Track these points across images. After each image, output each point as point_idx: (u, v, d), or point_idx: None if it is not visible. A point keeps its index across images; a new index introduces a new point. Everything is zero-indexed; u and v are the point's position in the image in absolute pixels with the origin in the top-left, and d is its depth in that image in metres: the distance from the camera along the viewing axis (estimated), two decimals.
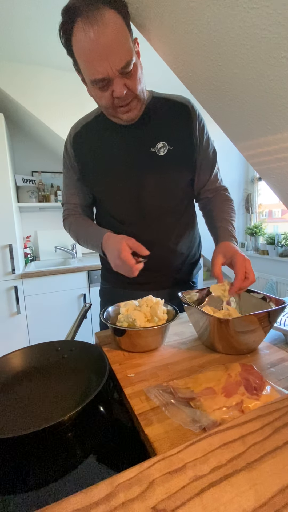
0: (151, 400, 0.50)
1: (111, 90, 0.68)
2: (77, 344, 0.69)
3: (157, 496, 0.28)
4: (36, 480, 0.39)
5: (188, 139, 0.85)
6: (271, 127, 0.69)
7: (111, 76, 0.65)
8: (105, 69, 0.63)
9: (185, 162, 0.87)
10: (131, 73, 0.67)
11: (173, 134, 0.84)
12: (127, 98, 0.71)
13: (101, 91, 0.69)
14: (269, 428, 0.37)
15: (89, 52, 0.62)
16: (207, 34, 0.58)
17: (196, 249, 1.06)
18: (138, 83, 0.71)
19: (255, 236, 3.26)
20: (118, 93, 0.67)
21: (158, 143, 0.83)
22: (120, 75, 0.66)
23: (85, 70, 0.66)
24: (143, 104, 0.78)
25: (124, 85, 0.68)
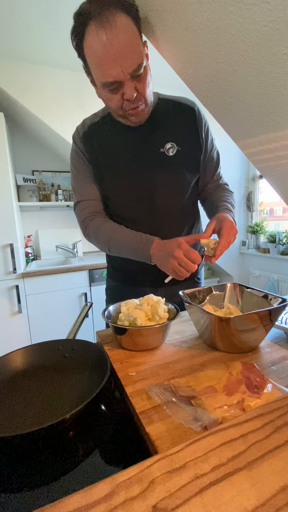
0: (152, 398, 0.50)
1: (122, 93, 0.69)
2: (79, 343, 0.69)
3: (157, 495, 0.28)
4: (37, 479, 0.39)
5: (195, 140, 0.88)
6: (272, 124, 0.69)
7: (123, 79, 0.66)
8: (117, 72, 0.64)
9: (192, 162, 0.90)
10: (141, 76, 0.68)
11: (181, 135, 0.86)
12: (137, 101, 0.72)
13: (111, 94, 0.70)
14: (270, 426, 0.37)
15: (102, 56, 0.62)
16: (207, 31, 0.58)
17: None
18: (147, 86, 0.72)
19: (256, 234, 3.25)
20: (129, 96, 0.68)
21: (166, 143, 0.85)
22: (131, 78, 0.67)
23: (96, 73, 0.67)
24: (150, 107, 0.80)
25: (134, 88, 0.69)
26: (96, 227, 0.91)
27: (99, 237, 0.90)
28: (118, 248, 0.88)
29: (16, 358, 0.65)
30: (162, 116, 0.85)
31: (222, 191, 1.00)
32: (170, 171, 0.87)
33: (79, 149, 0.90)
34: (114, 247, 0.88)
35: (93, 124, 0.88)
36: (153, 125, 0.84)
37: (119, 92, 0.69)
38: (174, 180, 0.88)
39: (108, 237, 0.88)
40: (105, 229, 0.89)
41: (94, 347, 0.67)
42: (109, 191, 0.92)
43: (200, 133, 0.88)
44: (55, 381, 0.60)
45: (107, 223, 0.91)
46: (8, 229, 2.03)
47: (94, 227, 0.91)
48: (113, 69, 0.64)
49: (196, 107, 0.88)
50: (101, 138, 0.87)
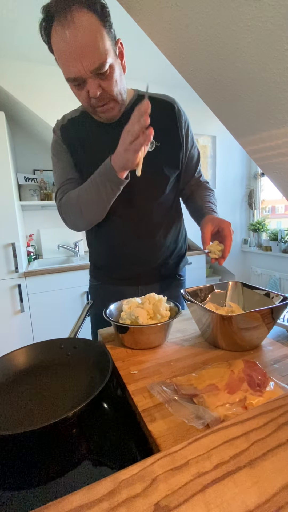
0: (155, 396, 0.50)
1: (87, 90, 0.69)
2: (81, 341, 0.69)
3: (160, 492, 0.28)
4: (40, 477, 0.39)
5: (175, 137, 0.88)
6: (274, 121, 0.68)
7: (84, 76, 0.66)
8: (77, 69, 0.64)
9: (172, 159, 0.90)
10: (106, 74, 0.68)
11: (160, 131, 0.84)
12: (103, 98, 0.72)
13: (77, 90, 0.71)
14: (273, 424, 0.37)
15: (63, 52, 0.63)
16: (208, 27, 0.58)
17: (183, 243, 1.08)
18: (115, 84, 0.71)
19: (258, 232, 3.24)
20: (92, 94, 0.69)
21: None
22: (94, 76, 0.67)
23: (61, 68, 0.68)
24: (122, 105, 0.79)
25: (99, 86, 0.68)
26: (65, 199, 0.87)
27: (70, 204, 0.85)
28: (86, 197, 0.81)
29: (19, 356, 0.65)
30: None
31: (203, 190, 1.00)
32: (149, 167, 0.85)
33: (58, 139, 0.90)
34: (82, 199, 0.82)
35: (73, 118, 0.88)
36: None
37: (84, 89, 0.69)
38: (153, 176, 0.88)
39: (75, 195, 0.84)
40: (73, 193, 0.85)
41: (96, 345, 0.67)
42: None
43: (180, 130, 0.88)
44: (57, 380, 0.60)
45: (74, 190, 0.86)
46: (10, 228, 2.04)
47: (64, 200, 0.87)
48: (74, 66, 0.64)
49: (175, 104, 0.88)
50: (80, 132, 0.87)
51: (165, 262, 1.00)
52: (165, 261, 1.00)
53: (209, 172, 2.98)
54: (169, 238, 0.98)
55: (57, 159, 0.92)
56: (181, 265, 1.08)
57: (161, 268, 1.00)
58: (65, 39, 0.61)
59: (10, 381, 0.59)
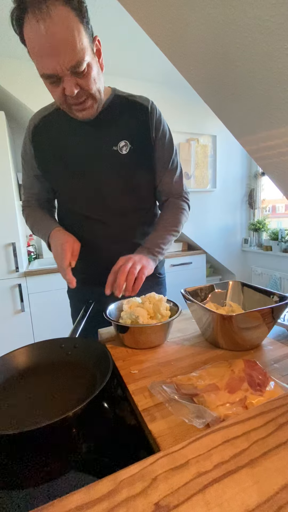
0: (155, 396, 0.50)
1: (62, 87, 0.66)
2: (81, 341, 0.69)
3: (160, 492, 0.28)
4: (40, 476, 0.39)
5: (146, 139, 0.85)
6: (275, 121, 0.68)
7: (61, 74, 0.63)
8: (53, 66, 0.61)
9: (145, 161, 0.87)
10: (84, 72, 0.65)
11: (133, 133, 0.84)
12: (80, 96, 0.69)
13: (52, 87, 0.68)
14: (273, 424, 0.37)
15: (38, 47, 0.60)
16: (208, 26, 0.57)
17: None
18: (93, 82, 0.69)
19: (258, 231, 3.24)
20: (68, 92, 0.66)
21: (120, 141, 0.82)
22: (71, 74, 0.64)
23: (35, 63, 0.64)
24: (100, 103, 0.77)
25: (76, 84, 0.66)
26: (25, 216, 0.99)
27: (26, 222, 0.98)
28: (34, 230, 0.96)
29: (19, 356, 0.65)
30: (117, 113, 0.82)
31: (170, 209, 0.94)
32: (123, 170, 0.85)
33: (26, 145, 0.88)
34: (33, 229, 0.96)
35: (46, 116, 0.86)
36: (107, 121, 0.81)
37: (59, 86, 0.66)
38: (127, 179, 0.86)
39: (30, 223, 0.97)
40: (29, 216, 0.97)
41: (97, 345, 0.67)
42: (59, 188, 0.91)
43: (150, 131, 0.85)
44: (57, 379, 0.60)
45: (34, 210, 0.97)
46: (10, 228, 2.04)
47: (25, 215, 0.99)
48: (50, 62, 0.61)
49: (149, 104, 0.85)
50: (52, 133, 0.84)
51: None
52: None
53: (209, 172, 2.98)
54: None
55: (24, 162, 0.93)
56: (159, 264, 1.06)
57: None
58: (40, 33, 0.57)
59: (10, 381, 0.59)
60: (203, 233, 3.02)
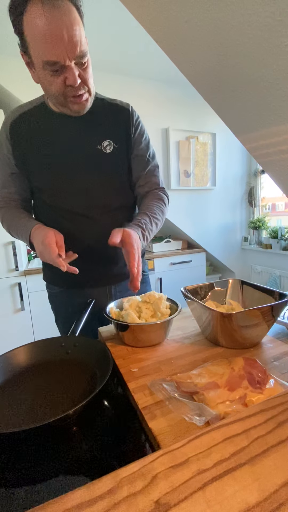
0: (155, 394, 0.50)
1: (64, 77, 0.67)
2: (81, 339, 0.69)
3: (160, 490, 0.29)
4: (40, 474, 0.39)
5: (127, 139, 0.88)
6: (274, 118, 0.68)
7: (66, 62, 0.64)
8: (61, 52, 0.62)
9: (127, 160, 0.90)
10: (85, 65, 0.68)
11: (117, 133, 0.86)
12: (80, 88, 0.71)
13: (52, 77, 0.67)
14: (273, 422, 0.37)
15: (46, 33, 0.60)
16: (208, 23, 0.57)
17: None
18: (90, 76, 0.71)
19: (258, 229, 3.23)
20: (72, 81, 0.66)
21: (104, 140, 0.84)
22: (74, 64, 0.65)
23: (38, 50, 0.64)
24: (92, 99, 0.78)
25: (78, 75, 0.67)
26: (0, 215, 0.94)
27: (2, 223, 0.95)
28: (11, 232, 0.92)
29: (19, 355, 0.65)
30: (99, 113, 0.84)
31: (151, 200, 0.95)
32: (107, 168, 0.86)
33: (2, 142, 0.86)
34: (10, 230, 0.93)
35: (25, 113, 0.83)
36: (90, 121, 0.82)
37: (61, 76, 0.67)
38: (111, 178, 0.87)
39: (6, 225, 0.93)
40: (4, 218, 0.93)
41: (97, 343, 0.67)
42: (41, 185, 0.89)
43: (131, 131, 0.87)
44: (58, 378, 0.60)
45: (10, 210, 0.93)
46: None
47: (1, 214, 0.94)
48: (58, 49, 0.62)
49: (129, 107, 0.88)
50: (31, 130, 0.83)
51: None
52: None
53: (209, 170, 2.97)
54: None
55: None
56: (142, 262, 1.06)
57: (123, 268, 0.98)
58: (49, 19, 0.59)
59: (11, 380, 0.60)
60: (202, 231, 3.02)
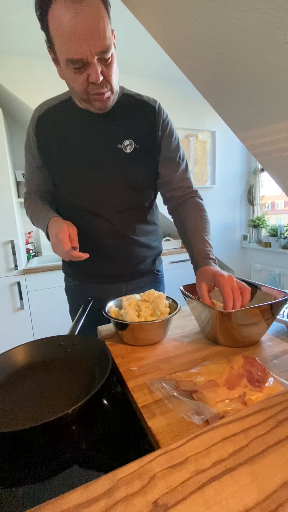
0: (154, 393, 0.50)
1: (87, 74, 0.66)
2: (80, 338, 0.69)
3: (158, 490, 0.28)
4: (39, 473, 0.39)
5: (152, 139, 0.86)
6: (274, 116, 0.68)
7: (89, 59, 0.63)
8: (84, 49, 0.61)
9: (149, 161, 0.88)
10: (108, 61, 0.66)
11: (140, 133, 0.84)
12: (102, 86, 0.70)
13: (75, 74, 0.67)
14: (272, 421, 0.37)
15: (69, 30, 0.59)
16: (207, 19, 0.57)
17: (159, 243, 1.08)
18: (113, 73, 0.70)
19: (257, 228, 3.23)
20: (94, 79, 0.65)
21: (125, 140, 0.83)
22: (97, 60, 0.64)
23: (61, 48, 0.63)
24: (115, 97, 0.77)
25: (100, 72, 0.66)
26: (26, 206, 0.99)
27: (28, 213, 0.99)
28: (33, 221, 0.96)
29: (19, 354, 0.65)
30: (124, 111, 0.83)
31: (194, 213, 0.92)
32: (126, 168, 0.85)
33: (29, 135, 0.88)
34: (32, 220, 0.97)
35: (51, 107, 0.85)
36: (113, 119, 0.81)
37: (84, 73, 0.66)
38: (129, 178, 0.86)
39: (29, 213, 0.97)
40: (29, 208, 0.97)
41: (96, 342, 0.67)
42: (60, 181, 0.90)
43: (156, 131, 0.85)
44: (57, 376, 0.60)
45: (35, 201, 0.97)
46: (9, 225, 2.03)
47: (25, 207, 1.00)
48: (81, 46, 0.61)
49: (157, 104, 0.86)
50: (56, 125, 0.84)
51: (142, 260, 1.00)
52: (142, 260, 1.00)
53: (208, 168, 2.97)
54: (144, 239, 0.98)
55: (26, 153, 0.93)
56: (157, 262, 1.08)
57: (140, 265, 1.00)
58: (73, 16, 0.58)
59: (10, 378, 0.59)
60: None
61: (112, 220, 0.90)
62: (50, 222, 0.82)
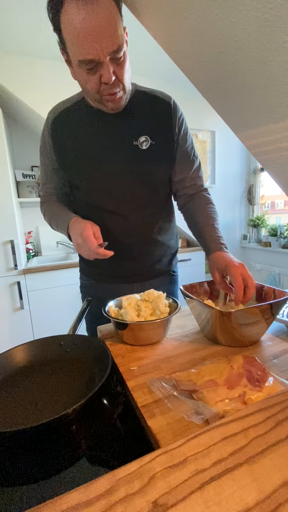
0: (154, 392, 0.50)
1: (99, 75, 0.66)
2: (80, 338, 0.69)
3: (158, 490, 0.28)
4: (39, 473, 0.39)
5: (168, 135, 0.86)
6: (274, 115, 0.67)
7: (101, 59, 0.63)
8: (95, 50, 0.61)
9: (166, 157, 0.88)
10: (120, 60, 0.66)
11: (155, 129, 0.84)
12: (114, 86, 0.70)
13: (88, 75, 0.67)
14: (271, 421, 0.37)
15: (80, 31, 0.59)
16: (206, 19, 0.56)
17: (175, 242, 1.08)
18: (126, 72, 0.70)
19: (257, 228, 3.23)
20: (107, 79, 0.66)
21: (140, 136, 0.83)
22: (110, 60, 0.64)
23: (73, 49, 0.64)
24: (128, 94, 0.77)
25: (112, 72, 0.66)
26: (42, 210, 1.02)
27: (45, 217, 1.01)
28: (52, 225, 0.98)
29: (18, 353, 0.65)
30: (138, 108, 0.82)
31: (203, 205, 0.94)
32: (142, 165, 0.85)
33: (45, 138, 0.89)
34: (51, 223, 0.98)
35: (65, 109, 0.85)
36: (128, 116, 0.81)
37: (96, 73, 0.66)
38: (145, 175, 0.86)
39: (48, 217, 0.99)
40: (46, 211, 0.99)
41: (96, 342, 0.67)
42: (77, 181, 0.91)
43: (174, 126, 0.86)
44: (57, 376, 0.60)
45: (53, 204, 0.99)
46: (9, 225, 2.03)
47: (42, 210, 1.02)
48: (92, 47, 0.61)
49: (172, 100, 0.86)
50: (71, 126, 0.85)
51: (158, 259, 1.00)
52: (158, 259, 1.00)
53: (208, 168, 2.97)
54: (162, 237, 0.98)
55: (42, 156, 0.94)
56: (174, 262, 1.08)
57: (155, 266, 1.00)
58: (85, 16, 0.58)
59: (10, 378, 0.59)
60: None
61: (128, 218, 0.90)
62: (71, 223, 0.83)
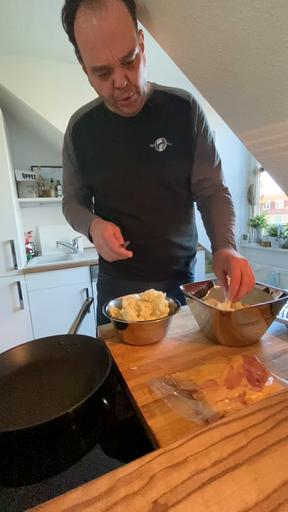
0: (154, 392, 0.50)
1: (112, 80, 0.66)
2: (80, 338, 0.69)
3: (158, 490, 0.28)
4: (39, 473, 0.39)
5: (187, 135, 0.85)
6: (274, 115, 0.67)
7: (112, 64, 0.63)
8: (106, 56, 0.61)
9: (183, 158, 0.87)
10: (133, 64, 0.66)
11: (173, 129, 0.83)
12: (128, 90, 0.70)
13: (101, 81, 0.67)
14: (271, 421, 0.37)
15: (91, 38, 0.60)
16: (206, 18, 0.56)
17: (193, 243, 1.07)
18: (139, 75, 0.69)
19: (257, 227, 3.23)
20: (119, 84, 0.66)
21: (157, 139, 0.82)
22: (121, 65, 0.64)
23: (86, 56, 0.64)
24: (143, 98, 0.77)
25: (125, 76, 0.66)
26: (65, 212, 1.04)
27: (66, 217, 1.03)
28: (74, 225, 1.00)
29: (19, 353, 0.65)
30: (156, 109, 0.82)
31: (221, 204, 0.92)
32: (158, 167, 0.85)
33: (67, 141, 0.91)
34: (72, 224, 1.01)
35: (86, 114, 0.87)
36: (145, 118, 0.81)
37: (109, 79, 0.66)
38: (162, 176, 0.86)
39: (69, 217, 1.01)
40: (68, 212, 1.01)
41: (96, 342, 0.67)
42: (94, 183, 0.92)
43: (192, 125, 0.85)
44: (57, 376, 0.60)
45: (74, 206, 1.01)
46: (8, 225, 2.03)
47: (64, 212, 1.04)
48: (102, 53, 0.61)
49: (191, 99, 0.85)
50: (90, 131, 0.86)
51: (175, 260, 1.00)
52: (175, 260, 1.00)
53: None
54: (180, 239, 0.98)
55: (64, 159, 0.97)
56: (191, 264, 1.08)
57: (172, 266, 1.00)
58: (94, 22, 0.58)
59: (10, 378, 0.59)
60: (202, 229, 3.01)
61: (145, 220, 0.91)
62: (92, 224, 0.84)
